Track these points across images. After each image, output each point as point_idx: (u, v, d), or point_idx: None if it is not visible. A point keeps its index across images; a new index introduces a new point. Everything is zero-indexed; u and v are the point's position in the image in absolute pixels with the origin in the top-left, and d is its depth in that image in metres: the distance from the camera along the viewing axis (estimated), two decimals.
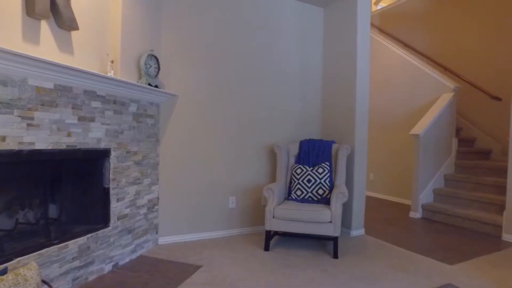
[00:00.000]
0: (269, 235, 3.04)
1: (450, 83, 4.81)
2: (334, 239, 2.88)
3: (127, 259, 2.72)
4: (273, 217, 2.98)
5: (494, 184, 4.12)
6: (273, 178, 3.76)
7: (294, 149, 3.61)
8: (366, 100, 3.67)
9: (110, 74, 2.42)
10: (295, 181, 3.36)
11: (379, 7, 7.32)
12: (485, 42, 5.23)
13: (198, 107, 3.31)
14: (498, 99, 5.04)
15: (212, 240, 3.34)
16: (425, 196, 4.55)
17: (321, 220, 2.85)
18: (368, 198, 5.63)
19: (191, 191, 3.30)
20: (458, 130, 5.29)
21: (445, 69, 5.56)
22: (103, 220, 2.49)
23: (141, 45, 2.82)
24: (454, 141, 4.83)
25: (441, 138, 4.68)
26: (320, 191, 3.26)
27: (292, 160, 3.58)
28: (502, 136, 5.03)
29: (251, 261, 2.80)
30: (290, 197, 3.34)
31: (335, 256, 2.87)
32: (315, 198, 3.26)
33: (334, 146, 3.53)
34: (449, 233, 3.76)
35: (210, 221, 3.42)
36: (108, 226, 2.50)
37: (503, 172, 4.16)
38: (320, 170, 3.33)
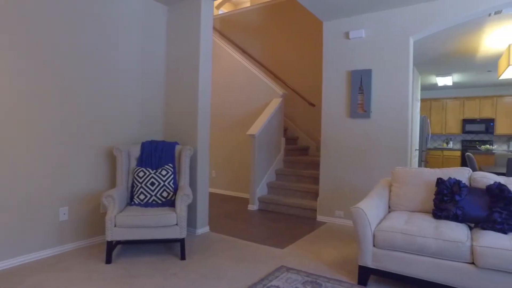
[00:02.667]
0: (111, 245, 2.76)
1: (279, 90, 5.53)
2: (181, 241, 2.87)
3: None
4: (115, 225, 2.73)
5: (311, 175, 4.99)
6: (113, 183, 3.44)
7: (136, 151, 3.40)
8: (208, 101, 3.80)
9: None
10: (137, 185, 3.17)
11: (220, 12, 7.71)
12: (303, 57, 6.27)
13: (15, 104, 2.68)
14: (313, 105, 6.14)
15: (40, 261, 2.78)
16: (261, 189, 5.09)
17: (167, 223, 2.78)
18: (211, 195, 5.89)
19: (3, 206, 2.65)
20: (285, 130, 6.16)
21: (275, 77, 6.37)
22: None
23: None
24: (283, 140, 5.59)
25: (272, 138, 5.33)
26: (165, 194, 3.19)
27: (134, 163, 3.37)
28: (316, 135, 6.16)
29: (92, 279, 2.47)
30: (133, 202, 3.12)
31: (183, 257, 2.87)
32: (160, 201, 3.16)
33: (178, 147, 3.51)
34: (280, 221, 4.33)
35: (36, 239, 2.83)
36: None
37: (317, 165, 5.10)
38: (164, 172, 3.25)
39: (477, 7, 3.41)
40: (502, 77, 5.16)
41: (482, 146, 8.21)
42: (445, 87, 8.83)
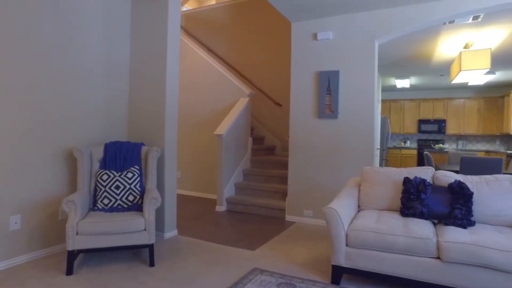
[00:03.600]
0: (73, 255, 2.56)
1: (246, 89, 5.49)
2: (150, 247, 2.74)
3: None
4: (77, 233, 2.54)
5: (279, 175, 5.01)
6: (74, 188, 3.21)
7: (99, 153, 3.20)
8: (175, 101, 3.67)
9: None
10: (101, 189, 2.98)
11: (184, 8, 7.51)
12: (270, 57, 6.28)
13: None
14: (279, 105, 6.17)
15: None
16: (228, 190, 5.03)
17: (134, 229, 2.64)
18: (177, 196, 5.72)
19: None
20: (251, 130, 6.14)
21: (241, 76, 6.32)
22: None
23: None
24: (250, 140, 5.56)
25: (240, 138, 5.28)
26: (131, 198, 3.03)
27: (97, 165, 3.16)
28: (282, 135, 6.20)
29: None
30: (96, 208, 2.93)
31: (152, 264, 2.74)
32: (126, 206, 3.00)
33: (144, 149, 3.35)
34: (249, 221, 4.30)
35: None
36: None
37: (285, 165, 5.13)
38: (130, 175, 3.09)
39: (433, 16, 3.60)
40: (454, 81, 5.50)
41: (436, 145, 8.74)
42: (403, 89, 9.30)
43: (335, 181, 4.12)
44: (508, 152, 7.17)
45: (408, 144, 9.44)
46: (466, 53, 4.69)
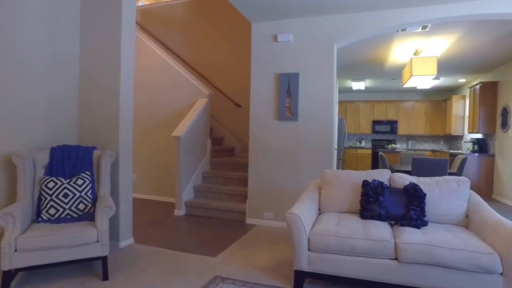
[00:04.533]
0: (9, 275, 2.30)
1: (205, 89, 5.36)
2: (103, 259, 2.55)
3: None
4: (16, 250, 2.28)
5: (239, 177, 4.95)
6: (13, 198, 2.90)
7: (44, 158, 2.92)
8: (130, 101, 3.47)
9: None
10: (46, 198, 2.72)
11: (140, 3, 7.18)
12: (229, 58, 6.19)
13: None
14: (239, 105, 6.11)
15: None
16: (187, 193, 4.88)
17: (86, 241, 2.44)
18: (133, 201, 5.45)
19: None
20: (210, 131, 6.01)
21: (200, 76, 6.16)
22: None
23: None
24: (209, 142, 5.44)
25: (198, 139, 5.15)
26: (81, 206, 2.80)
27: (41, 172, 2.89)
28: (242, 136, 6.15)
29: None
30: (40, 219, 2.67)
31: (105, 277, 2.55)
32: (75, 215, 2.77)
33: (96, 153, 3.12)
34: (209, 226, 4.19)
35: None
36: None
37: (245, 167, 5.08)
38: (80, 182, 2.86)
39: (387, 23, 3.74)
40: (406, 85, 5.80)
41: (389, 145, 9.19)
42: (358, 91, 9.67)
43: (295, 182, 4.15)
44: (451, 151, 7.73)
45: (363, 144, 9.84)
46: (416, 59, 4.96)
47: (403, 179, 2.82)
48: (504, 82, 6.30)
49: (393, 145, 9.10)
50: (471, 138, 7.37)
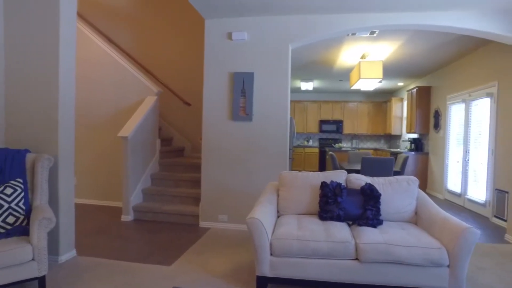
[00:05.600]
0: None
1: (153, 87, 5.06)
2: (40, 280, 2.24)
3: None
4: None
5: (191, 179, 4.76)
6: None
7: None
8: (72, 98, 3.12)
9: None
10: None
11: None
12: (179, 55, 5.93)
13: None
14: (188, 104, 5.88)
15: None
16: (135, 197, 4.56)
17: (18, 261, 2.11)
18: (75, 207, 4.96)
19: None
20: (158, 130, 5.70)
21: (148, 72, 5.81)
22: None
23: None
24: (158, 142, 5.15)
25: (147, 139, 4.84)
26: (11, 219, 2.43)
27: None
28: (192, 135, 5.94)
29: None
30: None
31: None
32: (3, 231, 2.40)
33: (29, 157, 2.75)
34: (161, 231, 3.95)
35: None
36: None
37: (197, 168, 4.90)
38: (9, 191, 2.49)
39: (340, 26, 3.84)
40: (353, 87, 6.05)
41: (336, 144, 9.57)
42: (306, 91, 9.92)
43: (250, 184, 4.08)
44: (391, 150, 8.27)
45: (310, 143, 10.13)
46: (364, 63, 5.18)
47: (360, 180, 2.89)
48: (436, 87, 6.89)
49: (340, 144, 9.50)
50: (408, 138, 7.95)
